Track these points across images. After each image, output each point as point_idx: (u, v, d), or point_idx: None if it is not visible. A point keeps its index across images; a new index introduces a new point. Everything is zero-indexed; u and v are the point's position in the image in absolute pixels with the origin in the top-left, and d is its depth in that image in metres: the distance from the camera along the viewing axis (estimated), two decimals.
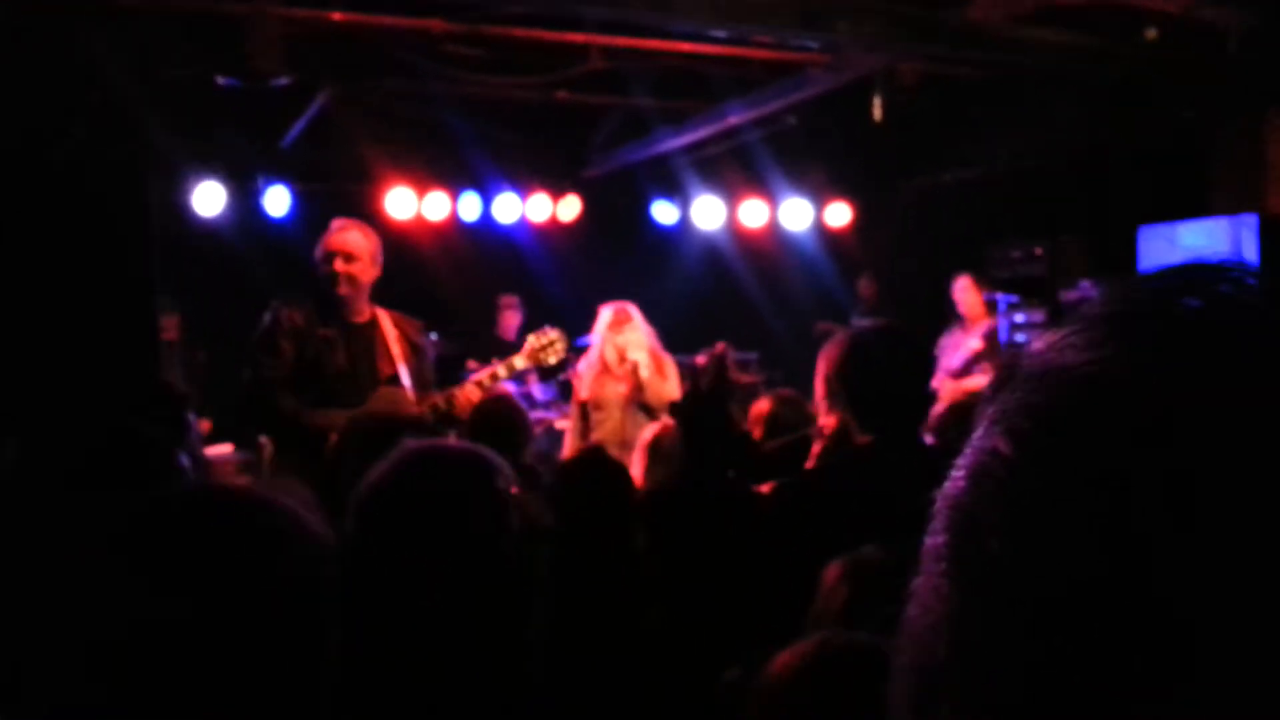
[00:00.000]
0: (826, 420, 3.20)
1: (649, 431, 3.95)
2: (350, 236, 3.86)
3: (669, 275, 8.53)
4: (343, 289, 3.80)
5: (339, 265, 3.80)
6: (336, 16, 5.15)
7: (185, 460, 1.92)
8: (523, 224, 8.02)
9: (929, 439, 2.97)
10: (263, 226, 7.10)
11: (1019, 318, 6.93)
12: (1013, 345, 6.64)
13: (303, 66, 5.35)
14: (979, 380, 6.14)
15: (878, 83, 5.33)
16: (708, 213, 8.33)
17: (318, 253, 3.85)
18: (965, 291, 6.88)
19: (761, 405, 5.97)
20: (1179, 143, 6.27)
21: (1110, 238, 6.54)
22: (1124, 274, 4.87)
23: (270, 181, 7.13)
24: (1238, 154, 6.26)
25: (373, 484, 1.57)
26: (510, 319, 7.84)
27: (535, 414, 7.13)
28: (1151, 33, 4.74)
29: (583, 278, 7.55)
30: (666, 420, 4.26)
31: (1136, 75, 5.23)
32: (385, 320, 3.93)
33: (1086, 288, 6.59)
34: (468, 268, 8.00)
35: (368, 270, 3.85)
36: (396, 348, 3.87)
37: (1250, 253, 5.65)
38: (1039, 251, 7.06)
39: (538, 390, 7.33)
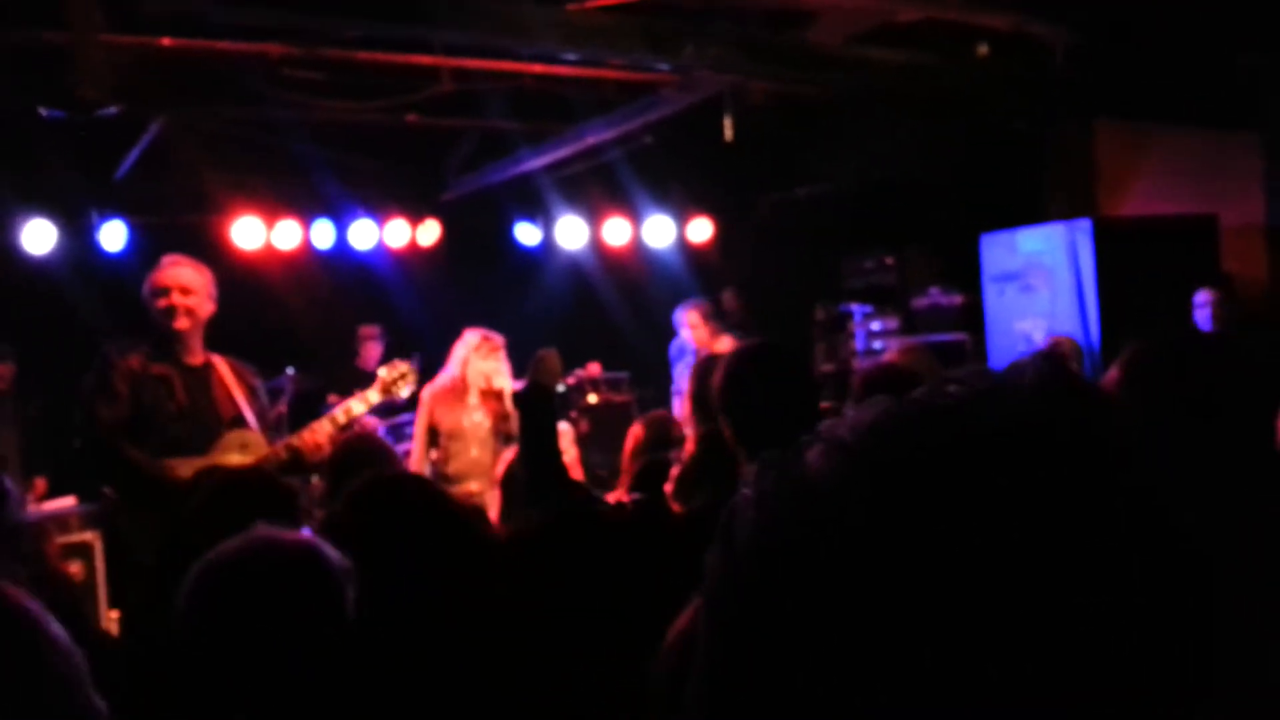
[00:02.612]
0: (688, 444, 3.20)
1: (501, 464, 3.88)
2: (183, 272, 3.71)
3: (533, 297, 8.47)
4: (181, 323, 3.65)
5: (176, 299, 3.65)
6: (165, 42, 4.93)
7: None
8: (380, 250, 7.84)
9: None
10: (99, 264, 6.74)
11: (875, 325, 7.13)
12: (870, 354, 6.83)
13: (132, 95, 5.11)
14: None
15: (726, 103, 5.42)
16: (571, 232, 8.30)
17: (148, 290, 3.69)
18: (696, 328, 6.55)
19: (636, 429, 5.99)
20: (1016, 153, 6.57)
21: (955, 246, 6.79)
22: (968, 280, 5.04)
23: (105, 216, 6.78)
24: (1070, 162, 6.60)
25: (213, 565, 1.58)
26: (371, 350, 7.62)
27: (404, 445, 6.97)
28: (983, 49, 4.95)
29: (445, 303, 7.42)
30: (515, 449, 4.19)
31: (970, 90, 5.46)
32: (220, 364, 3.78)
33: (935, 294, 6.84)
34: (324, 298, 7.77)
35: (204, 305, 3.72)
36: (237, 391, 3.73)
37: (1085, 254, 5.94)
38: (890, 261, 7.29)
39: (406, 418, 7.16)
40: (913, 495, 0.46)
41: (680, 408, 6.06)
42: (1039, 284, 6.17)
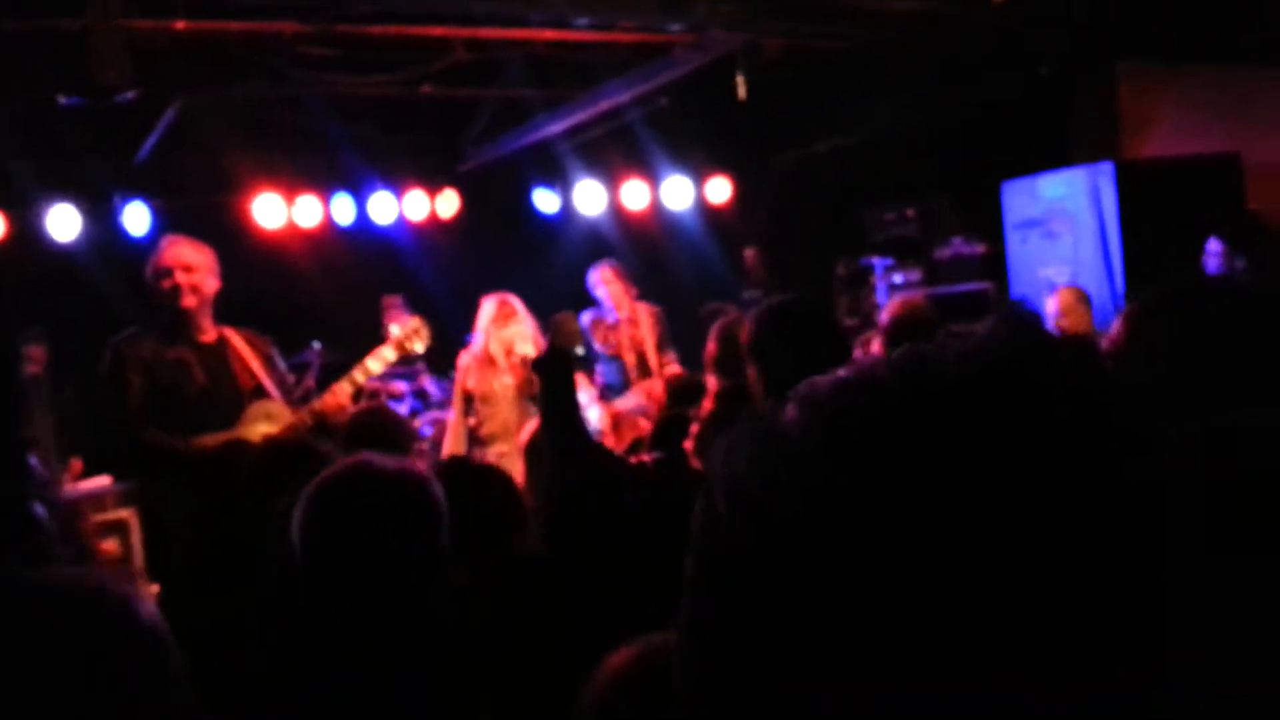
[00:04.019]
0: (706, 401, 3.22)
1: (526, 432, 3.92)
2: (183, 250, 3.75)
3: (553, 263, 8.47)
4: (187, 300, 3.69)
5: (180, 278, 3.69)
6: (180, 25, 4.95)
7: (40, 510, 1.85)
8: (400, 223, 7.87)
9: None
10: (123, 247, 6.81)
11: (897, 278, 7.10)
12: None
13: (150, 78, 5.14)
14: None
15: (739, 61, 5.38)
16: (589, 198, 8.29)
17: (150, 273, 3.73)
18: (610, 284, 6.18)
19: (655, 386, 6.01)
20: (1038, 98, 6.48)
21: (977, 195, 6.73)
22: (990, 229, 4.99)
23: (127, 199, 6.84)
24: (1093, 106, 6.51)
25: (317, 497, 1.69)
26: (395, 318, 7.68)
27: (431, 413, 7.04)
28: None
29: (466, 273, 7.44)
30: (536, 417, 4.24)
31: (988, 37, 5.39)
32: (234, 337, 3.83)
33: (958, 244, 6.79)
34: (346, 272, 7.81)
35: (208, 281, 3.75)
36: (253, 362, 3.78)
37: (1108, 198, 5.88)
38: (910, 213, 7.23)
39: (431, 386, 7.22)
40: (870, 447, 0.48)
41: (602, 375, 6.11)
42: (1062, 230, 6.12)
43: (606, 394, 6.13)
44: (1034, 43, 5.72)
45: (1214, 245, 5.30)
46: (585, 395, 6.03)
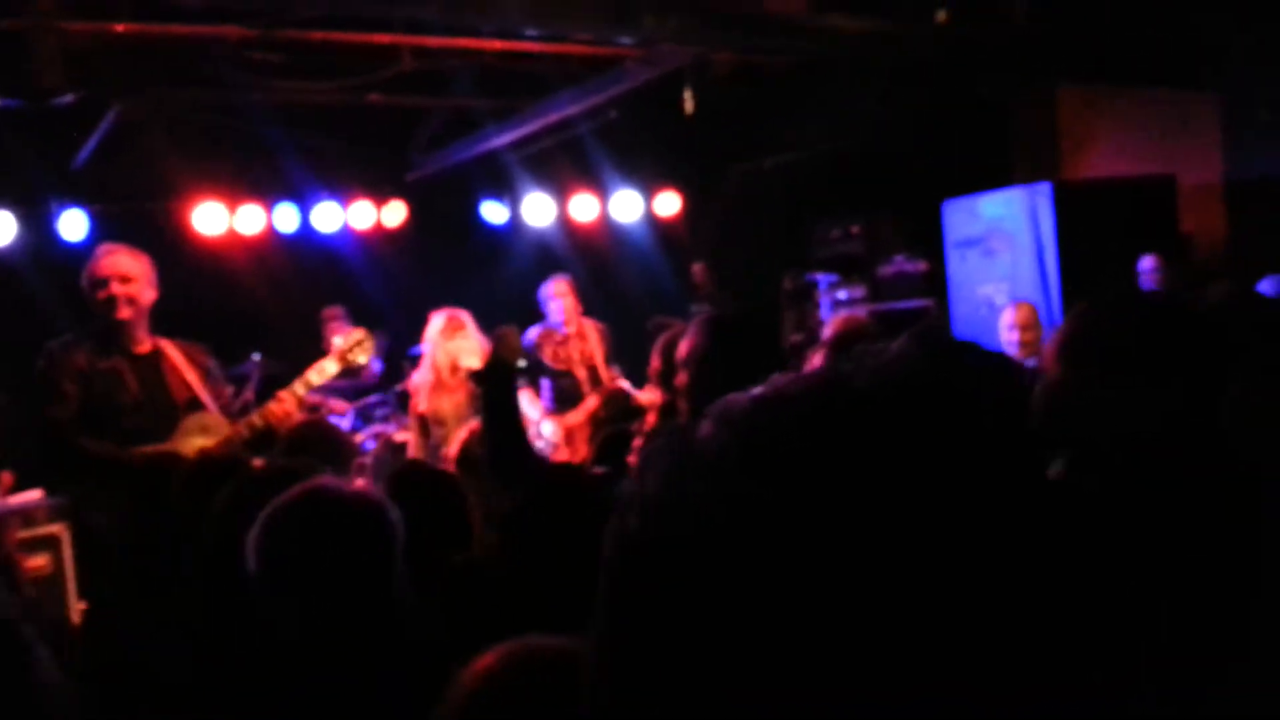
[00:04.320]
0: (650, 415, 3.22)
1: (455, 444, 3.89)
2: (120, 259, 3.68)
3: (501, 276, 8.44)
4: (123, 312, 3.62)
5: (116, 288, 3.62)
6: (120, 28, 4.86)
7: None
8: (345, 233, 7.78)
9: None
10: (60, 253, 6.65)
11: (841, 294, 7.17)
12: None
13: (89, 82, 5.05)
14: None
15: (687, 75, 5.42)
16: (538, 209, 8.27)
17: (86, 282, 3.65)
18: (564, 296, 6.10)
19: (592, 400, 6.01)
20: (978, 118, 6.61)
21: (921, 213, 6.83)
22: (933, 246, 5.07)
23: (64, 205, 6.69)
24: (1033, 126, 6.65)
25: (272, 522, 1.69)
26: (337, 331, 7.58)
27: (373, 427, 6.96)
28: (942, 15, 4.98)
29: (412, 284, 7.39)
30: (473, 424, 4.21)
31: (931, 57, 5.48)
32: (169, 348, 3.76)
33: (900, 261, 6.89)
34: (288, 282, 7.69)
35: (145, 292, 3.68)
36: (189, 374, 3.71)
37: (1045, 218, 6.00)
38: (855, 230, 7.32)
39: (375, 399, 7.14)
40: (785, 463, 0.48)
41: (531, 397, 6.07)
42: (1000, 248, 6.23)
43: (553, 409, 6.11)
44: (975, 64, 5.83)
45: (1147, 262, 5.44)
46: (535, 410, 6.01)
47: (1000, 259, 6.26)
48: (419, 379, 5.32)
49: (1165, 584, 1.31)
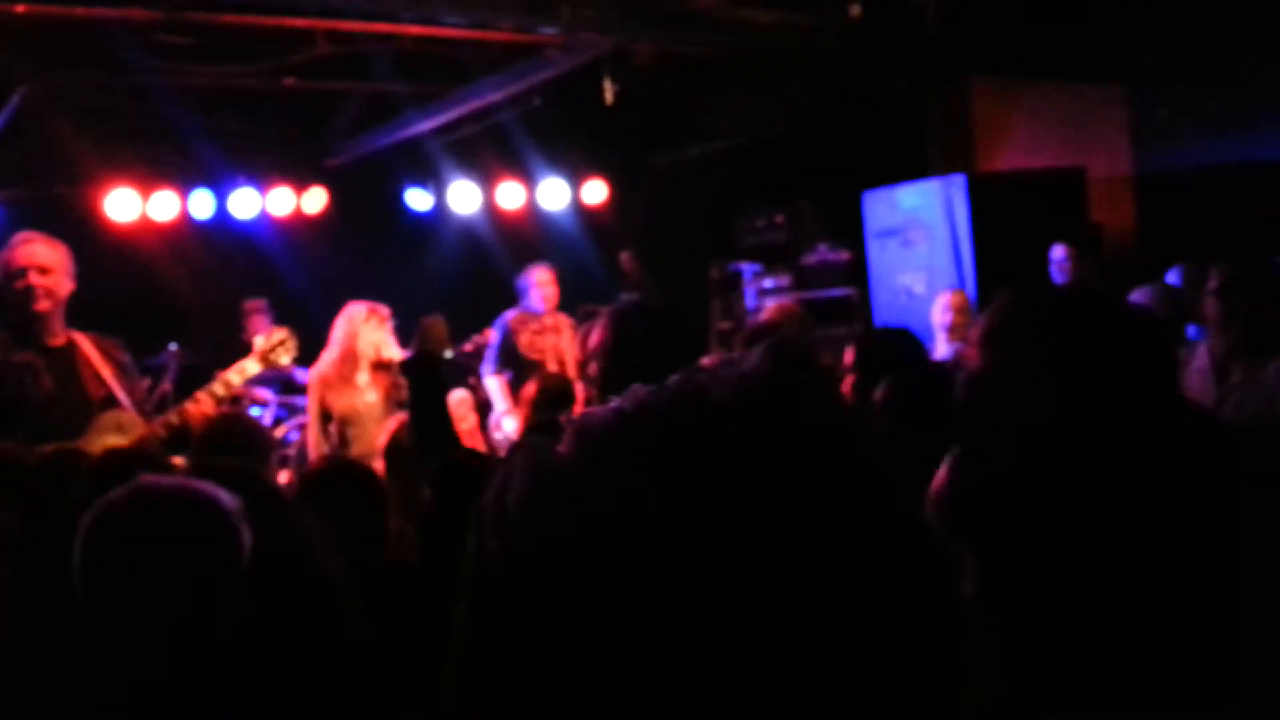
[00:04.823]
0: (578, 405, 3.22)
1: (384, 435, 3.84)
2: (39, 249, 3.56)
3: (426, 264, 8.36)
4: (41, 304, 3.51)
5: (34, 279, 3.51)
6: (20, 9, 4.70)
7: None
8: (264, 219, 7.64)
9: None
10: None
11: (766, 283, 7.24)
12: (761, 311, 6.92)
13: None
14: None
15: (605, 65, 5.41)
16: (464, 197, 8.20)
17: (1, 271, 3.52)
18: (546, 285, 6.10)
19: (529, 388, 5.97)
20: (895, 110, 6.71)
21: (843, 202, 6.92)
22: (855, 235, 5.14)
23: None
24: (947, 119, 6.77)
25: (93, 528, 1.60)
26: (258, 324, 7.42)
27: (297, 418, 6.84)
28: (856, 9, 5.03)
29: (335, 272, 7.28)
30: (400, 417, 4.15)
31: (844, 50, 5.55)
32: (84, 342, 3.65)
33: (823, 250, 6.97)
34: (205, 270, 7.54)
35: (63, 283, 3.58)
36: (104, 369, 3.61)
37: (960, 209, 6.12)
38: (780, 219, 7.39)
39: (299, 388, 7.01)
40: (640, 477, 0.49)
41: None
42: (918, 239, 6.34)
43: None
44: (890, 57, 5.92)
45: (1058, 252, 5.57)
46: (504, 401, 5.90)
47: (918, 249, 6.37)
48: (322, 372, 4.84)
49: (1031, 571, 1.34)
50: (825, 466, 0.51)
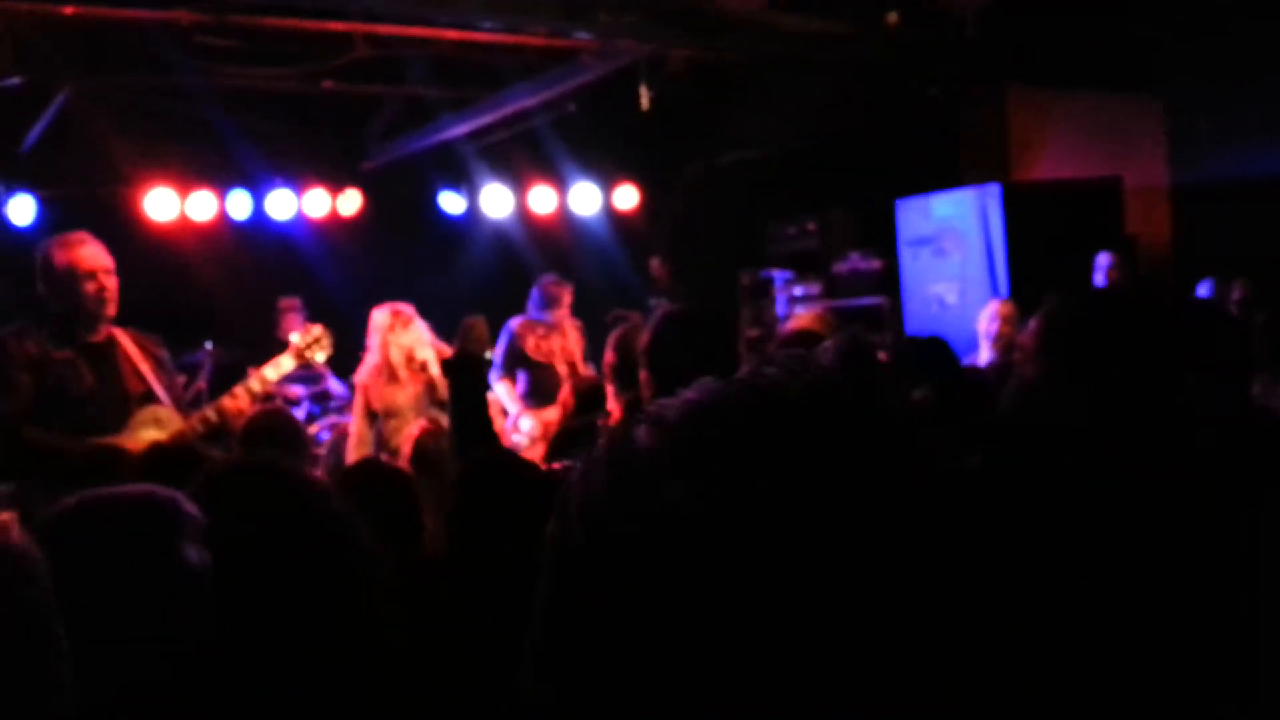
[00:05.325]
0: (614, 405, 3.23)
1: (407, 442, 3.87)
2: (101, 252, 3.60)
3: (458, 267, 8.41)
4: (112, 308, 3.56)
5: (105, 281, 3.53)
6: (68, 11, 4.79)
7: None
8: (300, 221, 7.72)
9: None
10: (6, 238, 6.55)
11: (797, 291, 7.23)
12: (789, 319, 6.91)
13: (36, 65, 4.97)
14: None
15: (641, 71, 5.43)
16: (496, 201, 8.25)
17: (64, 271, 3.53)
18: (561, 297, 6.30)
19: (564, 391, 6.02)
20: (932, 118, 6.68)
21: (876, 211, 6.90)
22: (887, 244, 5.13)
23: (12, 190, 6.59)
24: (982, 127, 6.74)
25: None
26: (291, 322, 7.49)
27: (329, 418, 6.90)
28: (893, 17, 5.03)
29: (368, 274, 7.34)
30: (423, 423, 4.21)
31: (881, 57, 5.54)
32: (123, 338, 3.69)
33: (855, 259, 6.95)
34: (241, 270, 7.62)
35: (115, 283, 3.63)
36: (143, 365, 3.65)
37: (995, 218, 6.09)
38: (811, 227, 7.37)
39: (335, 385, 7.08)
40: (716, 468, 0.50)
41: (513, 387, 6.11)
42: (951, 248, 6.31)
43: (526, 402, 6.11)
44: (926, 64, 5.90)
45: (1103, 259, 5.53)
46: (514, 404, 6.03)
47: (951, 258, 6.34)
48: (367, 374, 5.28)
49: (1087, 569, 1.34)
50: (901, 461, 0.52)
